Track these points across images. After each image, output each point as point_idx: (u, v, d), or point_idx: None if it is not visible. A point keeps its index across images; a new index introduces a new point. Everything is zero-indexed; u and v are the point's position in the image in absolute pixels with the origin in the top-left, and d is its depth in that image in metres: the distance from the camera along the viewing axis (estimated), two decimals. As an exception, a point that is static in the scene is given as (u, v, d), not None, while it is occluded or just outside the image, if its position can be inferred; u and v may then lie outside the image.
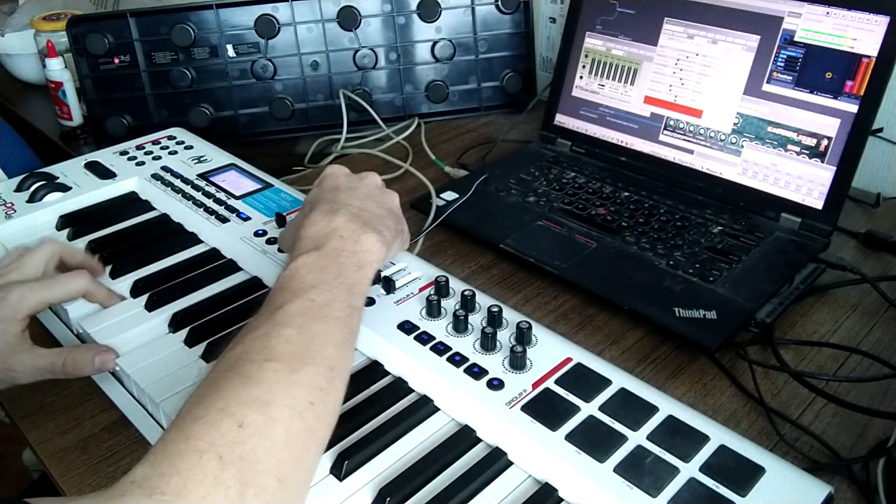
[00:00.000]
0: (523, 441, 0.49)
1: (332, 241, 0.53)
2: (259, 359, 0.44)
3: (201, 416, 0.40)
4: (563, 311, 0.71)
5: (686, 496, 0.45)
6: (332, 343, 0.47)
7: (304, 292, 0.49)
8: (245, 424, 0.40)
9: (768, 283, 0.71)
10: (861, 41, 0.74)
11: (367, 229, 0.55)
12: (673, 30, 0.87)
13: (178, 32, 1.04)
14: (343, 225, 0.54)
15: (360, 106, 1.09)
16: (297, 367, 0.44)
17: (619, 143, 0.93)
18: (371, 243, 0.54)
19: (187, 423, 0.41)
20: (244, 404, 0.41)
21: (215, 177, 0.85)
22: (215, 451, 0.39)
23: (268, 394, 0.42)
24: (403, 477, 0.48)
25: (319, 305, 0.48)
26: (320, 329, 0.47)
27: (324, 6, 1.07)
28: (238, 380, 0.43)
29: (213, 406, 0.41)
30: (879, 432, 0.57)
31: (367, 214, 0.57)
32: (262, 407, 0.41)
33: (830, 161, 0.77)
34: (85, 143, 1.17)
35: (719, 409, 0.60)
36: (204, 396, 0.42)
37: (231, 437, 0.40)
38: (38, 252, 0.63)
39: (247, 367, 0.44)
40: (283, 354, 0.44)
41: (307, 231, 0.54)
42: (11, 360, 0.57)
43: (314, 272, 0.50)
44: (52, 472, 0.55)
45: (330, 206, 0.56)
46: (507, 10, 1.10)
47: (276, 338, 0.45)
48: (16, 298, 0.57)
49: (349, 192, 0.59)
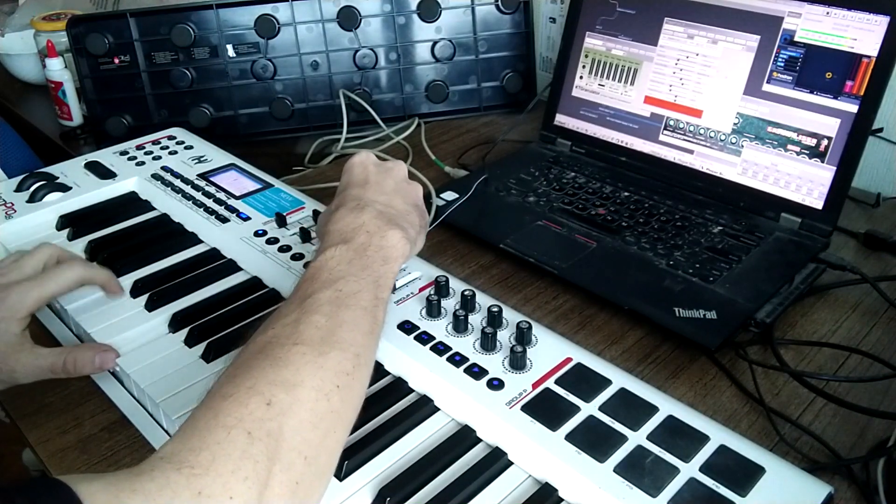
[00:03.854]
0: (523, 441, 0.49)
1: (359, 235, 0.54)
2: (288, 342, 0.45)
3: (230, 394, 0.42)
4: (563, 311, 0.71)
5: (686, 496, 0.45)
6: (359, 331, 0.48)
7: (332, 283, 0.50)
8: (273, 403, 0.41)
9: (768, 283, 0.71)
10: (861, 41, 0.74)
11: (392, 226, 0.56)
12: (673, 30, 0.87)
13: (178, 32, 1.04)
14: (369, 221, 0.55)
15: (360, 106, 1.09)
16: (325, 350, 0.45)
17: (619, 143, 0.93)
18: (396, 240, 0.55)
19: (216, 400, 0.42)
20: (272, 384, 0.42)
21: (215, 177, 0.85)
22: (243, 426, 0.40)
23: (296, 375, 0.43)
24: (403, 477, 0.49)
25: (347, 295, 0.50)
26: (348, 317, 0.48)
27: (324, 6, 1.07)
28: (267, 361, 0.44)
29: (242, 385, 0.42)
30: (879, 432, 0.57)
31: (392, 211, 0.58)
32: (290, 387, 0.43)
33: (830, 161, 0.77)
34: (85, 143, 1.17)
35: (719, 409, 0.60)
36: (233, 376, 0.43)
37: (259, 415, 0.41)
38: (36, 254, 0.63)
39: (276, 350, 0.45)
40: (312, 339, 0.46)
41: (335, 226, 0.56)
42: (13, 360, 0.57)
43: (342, 264, 0.52)
44: (52, 472, 0.55)
45: (356, 202, 0.57)
46: (507, 10, 1.10)
47: (304, 324, 0.47)
48: (15, 298, 0.58)
49: (376, 186, 0.60)
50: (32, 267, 0.62)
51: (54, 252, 0.65)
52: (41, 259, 0.63)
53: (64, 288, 0.62)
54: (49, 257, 0.64)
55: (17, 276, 0.61)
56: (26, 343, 0.58)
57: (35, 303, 0.59)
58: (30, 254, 0.63)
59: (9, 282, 0.59)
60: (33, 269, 0.62)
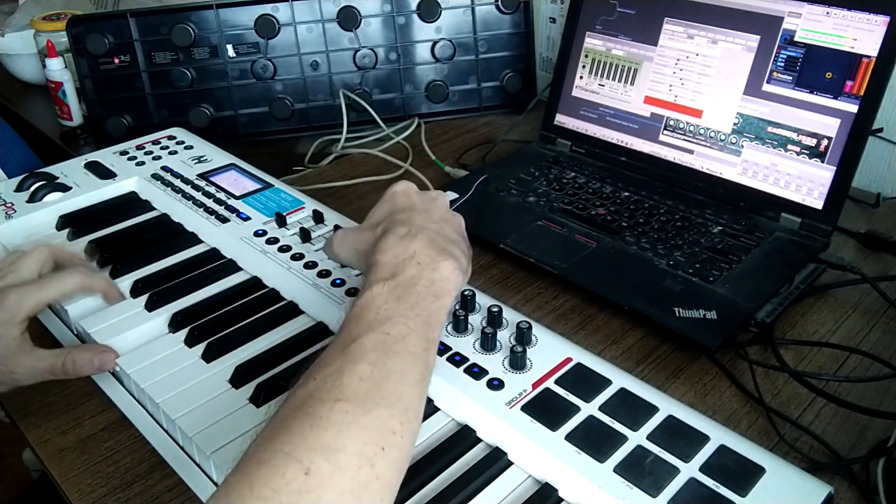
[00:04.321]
0: (523, 441, 0.49)
1: (409, 268, 0.50)
2: (329, 398, 0.42)
3: (266, 461, 0.39)
4: (563, 311, 0.71)
5: (686, 496, 0.45)
6: (408, 381, 0.45)
7: (379, 325, 0.46)
8: (311, 472, 0.38)
9: (768, 283, 0.71)
10: (861, 41, 0.74)
11: (445, 256, 0.51)
12: (673, 30, 0.87)
13: (178, 32, 1.04)
14: (421, 251, 0.51)
15: (360, 106, 1.09)
16: (370, 408, 0.42)
17: (619, 143, 0.93)
18: (449, 271, 0.51)
19: (252, 466, 0.39)
20: (312, 449, 0.39)
21: (215, 177, 0.85)
22: (279, 499, 0.37)
23: (337, 439, 0.40)
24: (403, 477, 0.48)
25: (395, 339, 0.46)
26: (396, 366, 0.44)
27: (324, 6, 1.07)
28: (307, 421, 0.41)
29: (280, 450, 0.39)
30: (879, 432, 0.57)
31: (443, 240, 0.53)
32: (330, 454, 0.39)
33: (830, 161, 0.77)
34: (85, 143, 1.17)
35: (719, 409, 0.60)
36: (271, 438, 0.40)
37: (297, 486, 0.38)
38: (31, 255, 0.63)
39: (317, 407, 0.41)
40: (356, 394, 0.42)
41: (383, 256, 0.51)
42: (13, 362, 0.57)
43: (390, 302, 0.48)
44: (52, 472, 0.55)
45: (407, 229, 0.53)
46: (507, 10, 1.10)
47: (348, 375, 0.43)
48: (13, 302, 0.57)
49: (425, 214, 0.56)
50: (29, 270, 0.62)
51: (51, 252, 0.64)
52: (37, 260, 0.63)
53: (63, 295, 0.62)
54: (46, 259, 0.64)
55: (14, 280, 0.60)
56: (26, 345, 0.58)
57: (33, 307, 0.58)
58: (26, 255, 0.63)
59: (6, 285, 0.59)
60: (30, 273, 0.62)
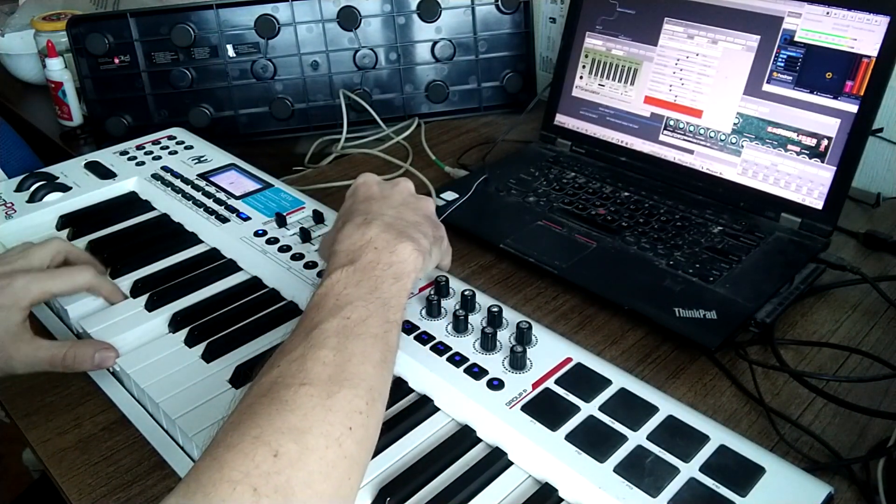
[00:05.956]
0: (523, 441, 0.49)
1: (366, 253, 0.51)
2: (294, 383, 0.43)
3: (235, 445, 0.39)
4: (563, 311, 0.71)
5: (686, 496, 0.45)
6: (370, 362, 0.46)
7: (339, 310, 0.47)
8: (280, 454, 0.39)
9: (768, 283, 0.71)
10: (861, 41, 0.74)
11: (402, 238, 0.53)
12: (673, 30, 0.87)
13: (178, 32, 1.04)
14: (377, 236, 0.53)
15: (360, 106, 1.09)
16: (334, 390, 0.43)
17: (619, 143, 0.93)
18: (407, 253, 0.52)
19: (221, 450, 0.39)
20: (279, 432, 0.40)
21: (215, 177, 0.85)
22: (249, 482, 0.38)
23: (303, 421, 0.41)
24: (403, 477, 0.48)
25: (355, 323, 0.47)
26: (357, 348, 0.46)
27: (324, 6, 1.07)
28: (274, 406, 0.41)
29: (248, 434, 0.40)
30: (879, 432, 0.57)
31: (402, 223, 0.55)
32: (298, 435, 0.40)
33: (830, 161, 0.77)
34: (85, 143, 1.17)
35: (719, 409, 0.60)
36: (238, 423, 0.41)
37: (266, 468, 0.38)
38: (45, 246, 0.64)
39: (282, 391, 0.42)
40: (319, 377, 0.43)
41: (341, 245, 0.53)
42: (12, 348, 0.57)
43: (349, 287, 0.49)
44: (52, 472, 0.55)
45: (363, 217, 0.55)
46: (507, 10, 1.10)
47: (311, 360, 0.44)
48: (20, 286, 0.58)
49: (382, 200, 0.58)
50: (40, 259, 0.62)
51: (63, 247, 0.65)
52: (49, 252, 0.63)
53: (71, 289, 0.62)
54: (57, 252, 0.64)
55: (23, 265, 0.61)
56: (26, 333, 0.58)
57: (39, 295, 0.59)
58: (39, 245, 0.63)
59: (14, 270, 0.60)
60: (40, 262, 0.62)
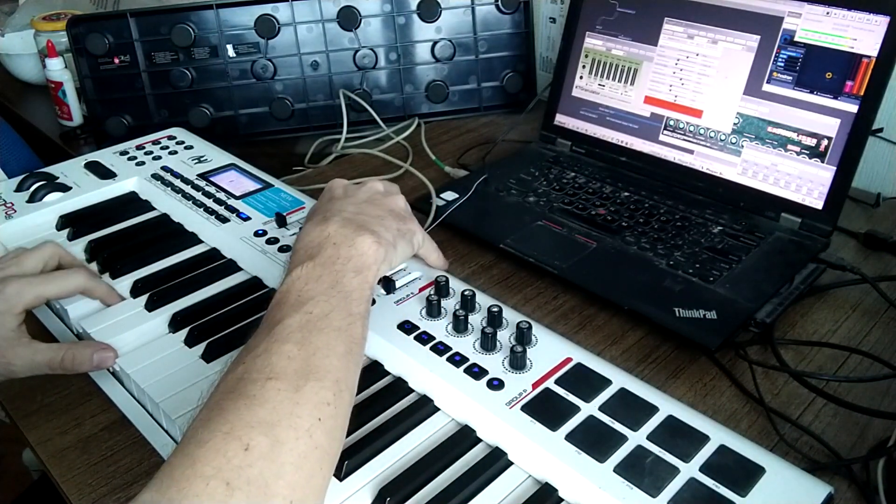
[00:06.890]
0: (523, 441, 0.49)
1: (325, 249, 0.52)
2: (261, 378, 0.43)
3: (206, 441, 0.40)
4: (563, 311, 0.71)
5: (686, 496, 0.45)
6: (335, 355, 0.46)
7: (301, 305, 0.48)
8: (251, 447, 0.40)
9: (768, 283, 0.71)
10: (861, 41, 0.74)
11: (360, 232, 0.54)
12: (673, 30, 0.87)
13: (178, 32, 1.04)
14: (336, 231, 0.54)
15: (360, 106, 1.09)
16: (301, 384, 0.43)
17: (619, 143, 0.93)
18: (366, 246, 0.53)
19: (192, 447, 0.40)
20: (249, 426, 0.41)
21: (215, 177, 0.85)
22: (222, 476, 0.38)
23: (272, 414, 0.41)
24: (403, 477, 0.48)
25: (318, 317, 0.48)
26: (321, 342, 0.46)
27: (324, 6, 1.07)
28: (242, 401, 0.42)
29: (218, 430, 0.40)
30: (879, 432, 0.57)
31: (361, 217, 0.56)
32: (268, 428, 0.41)
33: (830, 161, 0.77)
34: (85, 143, 1.17)
35: (719, 409, 0.60)
36: (208, 420, 0.41)
37: (238, 462, 0.39)
38: (37, 251, 0.64)
39: (249, 387, 0.43)
40: (286, 372, 0.44)
41: (301, 243, 0.54)
42: (10, 353, 0.57)
43: (310, 283, 0.50)
44: (52, 472, 0.55)
45: (322, 215, 0.56)
46: (507, 10, 1.10)
47: (276, 355, 0.45)
48: (13, 292, 0.58)
49: (344, 199, 0.59)
50: (32, 264, 0.63)
51: (56, 252, 0.65)
52: (42, 257, 0.64)
53: (63, 293, 0.62)
54: (50, 256, 0.64)
55: (15, 271, 0.61)
56: (23, 337, 0.58)
57: (32, 300, 0.59)
58: (32, 251, 0.64)
59: (6, 275, 0.60)
60: (33, 267, 0.63)
